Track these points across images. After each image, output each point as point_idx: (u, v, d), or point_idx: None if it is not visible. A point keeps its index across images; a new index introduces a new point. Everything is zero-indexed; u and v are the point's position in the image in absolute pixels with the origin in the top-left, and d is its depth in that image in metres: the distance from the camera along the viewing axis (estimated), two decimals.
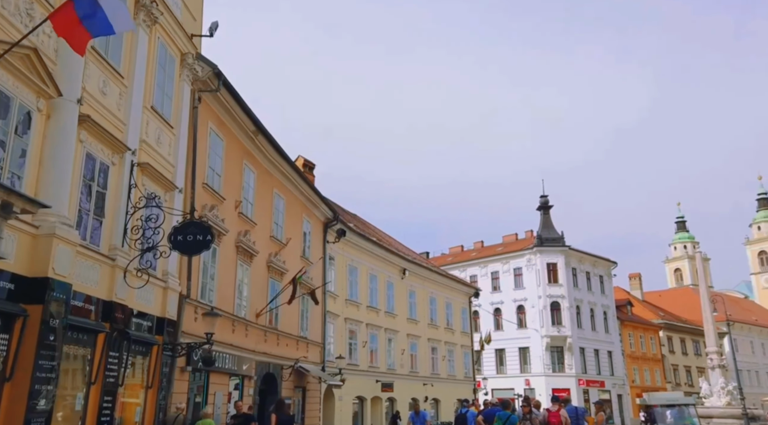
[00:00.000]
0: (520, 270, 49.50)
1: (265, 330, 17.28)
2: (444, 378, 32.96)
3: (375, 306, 27.63)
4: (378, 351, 27.35)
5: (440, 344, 33.46)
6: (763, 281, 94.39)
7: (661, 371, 56.29)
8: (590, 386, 45.15)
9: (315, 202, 22.27)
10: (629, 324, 53.90)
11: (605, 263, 52.39)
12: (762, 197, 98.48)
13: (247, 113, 15.92)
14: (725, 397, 38.58)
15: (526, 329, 47.66)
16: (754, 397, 54.95)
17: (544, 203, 50.90)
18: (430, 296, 33.56)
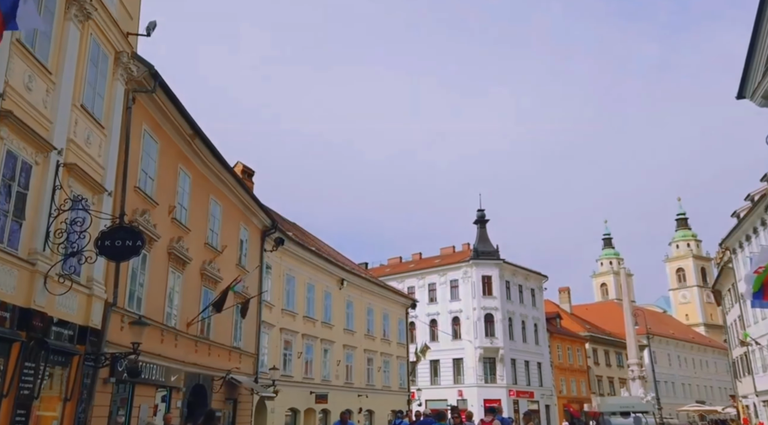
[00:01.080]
0: (456, 282, 50.39)
1: (197, 339, 16.76)
2: (379, 389, 32.96)
3: (312, 316, 27.36)
4: (313, 361, 27.06)
5: (376, 355, 33.48)
6: (680, 296, 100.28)
7: (586, 382, 58.51)
8: (520, 397, 46.34)
9: (253, 209, 21.89)
10: (558, 336, 55.80)
11: (537, 277, 54.12)
12: (680, 217, 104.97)
13: (184, 116, 15.50)
14: None
15: (460, 340, 48.46)
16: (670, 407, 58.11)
17: (481, 217, 52.14)
18: (367, 307, 33.58)
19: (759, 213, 33.41)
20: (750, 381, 41.75)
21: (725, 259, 44.71)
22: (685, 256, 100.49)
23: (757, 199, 34.53)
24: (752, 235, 35.67)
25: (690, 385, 73.20)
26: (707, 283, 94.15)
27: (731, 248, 41.20)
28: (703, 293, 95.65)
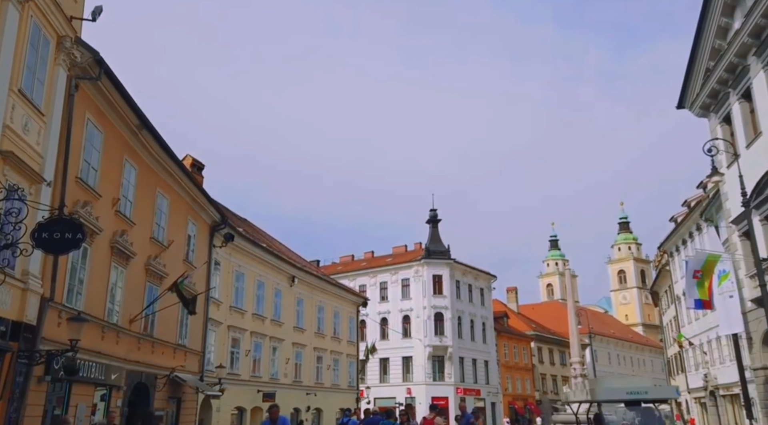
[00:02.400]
0: (407, 281, 50.75)
1: (139, 337, 16.26)
2: (328, 387, 32.83)
3: (261, 314, 26.98)
4: (261, 360, 26.70)
5: (326, 353, 33.34)
6: (620, 297, 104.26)
7: (531, 380, 60.05)
8: (467, 394, 47.10)
9: (202, 204, 21.39)
10: (505, 335, 57.03)
11: (486, 277, 55.13)
12: (622, 221, 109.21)
13: (130, 106, 14.98)
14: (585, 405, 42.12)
15: (410, 339, 48.84)
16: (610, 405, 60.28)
17: (433, 217, 52.68)
18: (318, 305, 33.38)
19: (694, 219, 35.06)
20: (683, 379, 43.82)
21: (663, 262, 46.78)
22: (626, 258, 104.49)
23: (693, 205, 36.24)
24: (688, 239, 37.41)
25: None
26: (646, 285, 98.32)
27: (669, 251, 43.11)
28: (641, 294, 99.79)
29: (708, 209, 31.44)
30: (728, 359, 32.25)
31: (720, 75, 21.45)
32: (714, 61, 21.77)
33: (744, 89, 20.30)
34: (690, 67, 23.40)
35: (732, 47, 20.19)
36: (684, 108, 24.70)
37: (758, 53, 18.91)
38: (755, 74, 19.36)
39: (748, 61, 19.71)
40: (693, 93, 23.84)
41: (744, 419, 29.54)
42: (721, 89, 21.90)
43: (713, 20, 21.25)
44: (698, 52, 22.63)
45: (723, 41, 21.12)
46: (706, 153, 14.08)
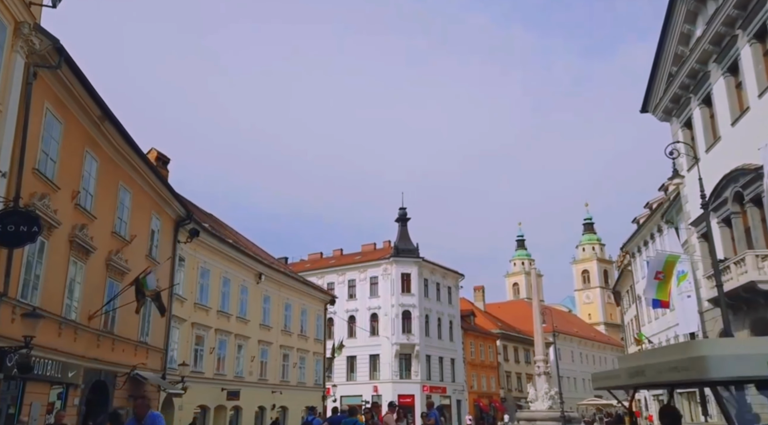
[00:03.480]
0: (376, 279, 50.78)
1: (99, 333, 15.83)
2: (294, 385, 32.60)
3: (226, 311, 26.61)
4: (226, 357, 26.33)
5: (292, 351, 33.08)
6: (584, 297, 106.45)
7: (496, 377, 60.80)
8: (433, 392, 47.40)
9: (167, 198, 20.95)
10: (471, 333, 57.59)
11: (454, 276, 55.56)
12: (587, 222, 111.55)
13: (92, 96, 14.54)
14: (548, 401, 42.71)
15: (377, 336, 48.90)
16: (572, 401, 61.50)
17: (402, 215, 52.83)
18: (285, 302, 33.10)
19: (656, 220, 35.99)
20: None
21: (625, 262, 47.90)
22: (590, 259, 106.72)
23: (655, 207, 37.20)
24: (649, 240, 38.39)
25: (589, 380, 77.82)
26: (608, 284, 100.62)
27: (631, 252, 44.16)
28: (604, 294, 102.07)
29: (668, 212, 32.32)
30: None
31: (682, 80, 22.07)
32: (677, 66, 22.39)
33: (705, 95, 20.93)
34: (654, 72, 24.02)
35: (694, 54, 20.80)
36: (648, 112, 25.34)
37: (718, 60, 19.51)
38: (715, 80, 19.97)
39: (708, 67, 20.33)
40: (656, 97, 24.48)
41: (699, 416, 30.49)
42: (682, 94, 22.54)
43: (676, 27, 21.85)
44: (662, 58, 23.25)
45: (685, 48, 21.73)
46: (667, 156, 14.45)
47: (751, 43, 17.41)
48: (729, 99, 19.01)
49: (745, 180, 17.75)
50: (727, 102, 19.14)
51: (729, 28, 18.36)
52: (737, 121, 18.55)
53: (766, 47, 16.90)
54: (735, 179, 18.33)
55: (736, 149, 18.23)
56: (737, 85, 18.71)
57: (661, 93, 23.90)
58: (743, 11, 17.48)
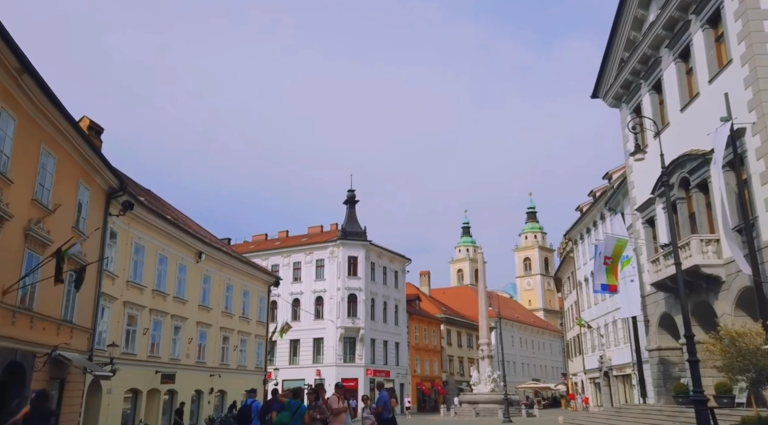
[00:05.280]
0: (322, 262, 49.97)
1: (15, 310, 14.37)
2: (234, 368, 31.50)
3: (162, 291, 25.20)
4: (161, 339, 24.97)
5: (233, 333, 31.92)
6: (525, 284, 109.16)
7: (439, 361, 61.38)
8: (377, 375, 47.25)
9: (98, 167, 19.35)
10: (416, 318, 57.77)
11: (401, 260, 55.39)
12: (530, 211, 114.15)
13: (9, 44, 12.97)
14: (490, 384, 43.56)
15: (322, 320, 48.21)
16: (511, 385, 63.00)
17: (351, 198, 52.06)
18: (226, 283, 31.83)
19: (599, 208, 36.75)
20: (580, 361, 46.30)
21: (568, 249, 48.98)
22: (531, 247, 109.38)
23: (598, 195, 37.98)
24: (592, 228, 39.22)
25: (528, 364, 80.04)
26: (549, 272, 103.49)
27: (573, 239, 45.10)
28: (544, 281, 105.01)
29: (612, 199, 32.95)
30: (622, 341, 34.20)
31: (634, 66, 22.19)
32: (629, 52, 22.48)
33: (655, 81, 21.09)
34: (606, 58, 24.11)
35: (646, 39, 20.89)
36: (598, 98, 25.49)
37: (670, 46, 19.62)
38: (666, 66, 20.11)
39: (660, 53, 20.45)
40: (607, 83, 24.62)
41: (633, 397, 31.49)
42: (633, 80, 22.69)
43: (630, 12, 21.89)
44: (614, 43, 23.32)
45: (638, 33, 21.81)
46: (630, 130, 14.32)
47: (704, 29, 17.54)
48: (679, 85, 19.19)
49: (692, 166, 17.98)
50: (677, 88, 19.32)
51: (682, 12, 18.45)
52: (686, 107, 18.75)
53: (718, 33, 17.05)
54: (682, 164, 18.55)
55: (684, 135, 18.43)
56: (688, 71, 18.89)
57: (612, 79, 24.04)
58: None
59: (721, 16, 16.49)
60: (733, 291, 16.04)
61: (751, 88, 14.96)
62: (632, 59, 22.10)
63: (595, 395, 42.03)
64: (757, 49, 14.80)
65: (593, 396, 42.74)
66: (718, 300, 16.75)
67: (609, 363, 36.81)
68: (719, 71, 16.70)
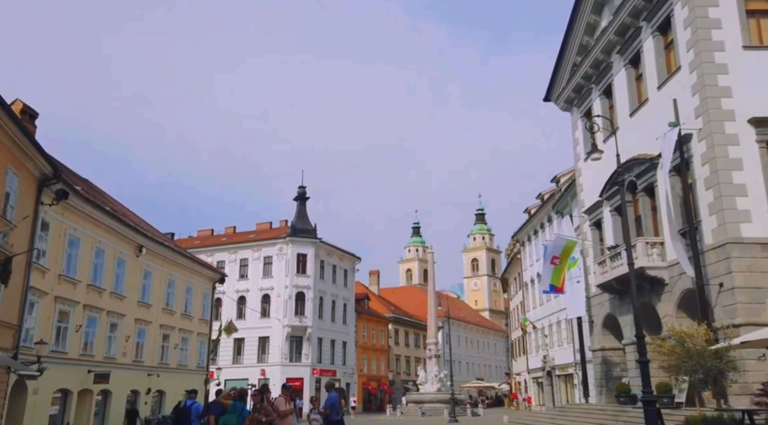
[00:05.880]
0: (270, 259, 48.93)
1: None
2: (173, 368, 30.24)
3: (98, 286, 23.84)
4: (96, 337, 23.61)
5: (174, 331, 30.65)
6: (472, 284, 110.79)
7: (386, 361, 61.28)
8: (323, 375, 46.64)
9: (30, 153, 18.03)
10: (365, 317, 57.47)
11: (351, 258, 54.91)
12: (479, 212, 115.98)
13: None
14: (437, 384, 43.72)
15: (268, 318, 47.21)
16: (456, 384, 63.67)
17: (302, 194, 51.20)
18: (168, 279, 30.52)
19: (547, 210, 37.45)
20: (524, 360, 47.13)
21: (515, 250, 49.80)
22: (479, 248, 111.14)
23: (546, 198, 38.71)
24: (539, 230, 39.93)
25: (473, 364, 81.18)
26: (495, 273, 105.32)
27: (521, 240, 45.86)
28: (491, 282, 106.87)
29: (559, 201, 33.59)
30: (566, 342, 34.94)
31: (585, 71, 22.56)
32: (581, 56, 22.84)
33: (606, 86, 21.49)
34: (559, 62, 24.45)
35: (598, 44, 21.25)
36: (550, 101, 25.85)
37: (621, 51, 20.01)
38: (617, 71, 20.51)
39: (612, 58, 20.83)
40: (559, 87, 24.97)
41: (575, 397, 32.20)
42: (585, 85, 23.08)
43: (583, 17, 22.23)
44: (567, 48, 23.66)
45: (591, 38, 22.18)
46: (587, 129, 14.43)
47: (654, 36, 17.94)
48: (629, 90, 19.59)
49: (640, 170, 18.36)
50: (627, 93, 19.72)
51: (634, 19, 18.83)
52: (635, 112, 19.16)
53: (668, 40, 17.46)
54: (630, 168, 18.92)
55: (632, 139, 18.80)
56: (638, 77, 19.30)
57: (564, 83, 24.40)
58: (649, 3, 17.95)
59: (671, 23, 16.89)
60: (675, 293, 16.44)
61: (698, 95, 15.36)
62: (584, 64, 22.47)
63: (538, 394, 42.84)
64: (705, 56, 15.19)
65: (536, 396, 43.55)
66: (661, 302, 17.15)
67: (552, 362, 37.54)
68: (668, 78, 17.10)
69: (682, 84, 16.16)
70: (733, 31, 15.38)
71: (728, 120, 14.76)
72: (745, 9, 15.64)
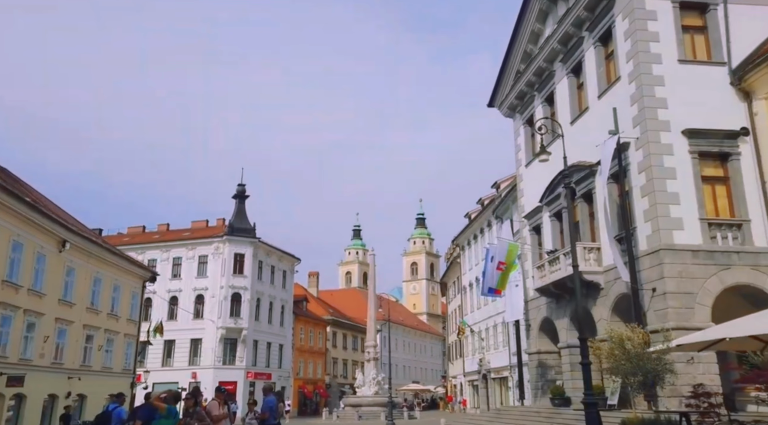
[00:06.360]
0: (205, 258, 47.29)
1: None
2: (97, 370, 28.54)
3: (15, 282, 22.15)
4: (10, 337, 21.91)
5: (99, 332, 28.96)
6: (411, 288, 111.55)
7: (323, 364, 60.52)
8: (258, 378, 45.45)
9: None
10: (303, 319, 56.54)
11: (290, 259, 53.90)
12: (419, 217, 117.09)
13: None
14: (374, 387, 43.42)
15: (202, 319, 45.57)
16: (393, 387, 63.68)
17: (241, 192, 49.81)
18: (94, 277, 28.81)
19: (487, 215, 38.01)
20: (461, 364, 47.65)
21: (455, 255, 50.33)
22: (419, 252, 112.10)
23: (486, 203, 39.30)
24: (479, 234, 40.48)
25: (409, 367, 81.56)
26: (434, 277, 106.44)
27: (461, 245, 46.38)
28: (429, 285, 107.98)
29: (499, 207, 34.14)
30: (502, 345, 35.50)
31: (529, 78, 22.95)
32: (525, 64, 23.22)
33: (548, 93, 21.91)
34: (503, 69, 24.79)
35: (542, 52, 21.65)
36: (494, 107, 26.17)
37: (564, 60, 20.44)
38: (559, 80, 20.94)
39: (554, 67, 21.26)
40: (503, 93, 25.31)
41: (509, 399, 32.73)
42: (528, 92, 23.47)
43: (528, 25, 22.62)
44: (512, 55, 24.01)
45: (535, 46, 22.59)
46: (536, 132, 14.53)
47: (596, 46, 18.40)
48: (570, 98, 20.03)
49: (579, 177, 18.77)
50: (568, 101, 20.15)
51: (577, 29, 19.27)
52: (576, 120, 19.59)
53: (608, 51, 17.94)
54: (569, 175, 19.30)
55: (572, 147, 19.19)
56: (579, 86, 19.76)
57: (508, 89, 24.76)
58: (591, 14, 18.41)
59: (613, 35, 17.37)
60: (610, 297, 16.86)
61: (636, 105, 15.82)
62: (528, 71, 22.85)
63: (473, 397, 43.36)
64: (643, 68, 15.67)
65: (471, 398, 44.06)
66: (596, 306, 17.55)
67: (488, 365, 38.06)
68: (608, 87, 17.57)
69: (621, 94, 16.62)
70: (670, 45, 15.96)
71: (664, 130, 15.27)
72: (681, 24, 16.27)
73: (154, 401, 10.96)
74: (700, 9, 16.56)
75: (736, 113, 15.56)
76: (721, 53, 16.02)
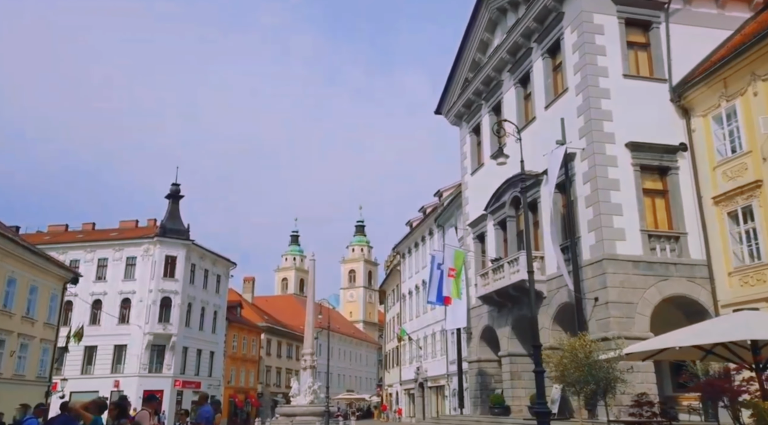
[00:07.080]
0: (134, 260, 44.80)
1: None
2: (8, 378, 26.28)
3: None
4: None
5: (12, 336, 26.72)
6: (348, 295, 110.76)
7: (255, 372, 58.72)
8: (186, 387, 43.40)
9: None
10: (236, 326, 54.68)
11: (225, 263, 52.06)
12: (359, 224, 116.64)
13: None
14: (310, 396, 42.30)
15: (128, 325, 43.06)
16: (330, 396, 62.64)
17: (175, 192, 47.60)
18: (8, 276, 26.60)
19: (429, 224, 38.04)
20: (397, 372, 47.36)
21: (395, 262, 50.16)
22: (358, 259, 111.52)
23: (428, 211, 39.37)
24: (420, 242, 40.46)
25: (344, 375, 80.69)
26: (371, 285, 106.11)
27: (401, 252, 46.25)
28: (367, 293, 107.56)
29: (441, 215, 34.20)
30: (440, 353, 35.47)
31: (477, 87, 23.03)
32: (473, 73, 23.31)
33: (495, 103, 22.03)
34: (451, 76, 24.80)
35: (490, 62, 21.77)
36: (441, 114, 26.16)
37: (512, 70, 20.60)
38: (507, 90, 21.09)
39: (502, 76, 21.41)
40: (450, 101, 25.33)
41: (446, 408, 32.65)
42: (475, 100, 23.56)
43: (477, 34, 22.73)
44: (460, 63, 24.07)
45: (483, 55, 22.70)
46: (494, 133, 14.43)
47: (544, 57, 18.63)
48: (517, 108, 20.18)
49: (524, 186, 18.86)
50: (515, 111, 20.29)
51: (526, 40, 19.47)
52: (522, 130, 19.65)
53: (556, 62, 18.19)
54: (514, 184, 19.40)
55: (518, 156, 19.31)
56: (526, 96, 19.96)
57: (455, 97, 24.80)
58: (540, 25, 18.63)
59: (561, 46, 17.62)
60: (553, 306, 16.95)
61: (583, 117, 16.05)
62: (476, 80, 22.95)
63: (409, 406, 43.11)
64: (591, 80, 15.93)
65: (407, 407, 43.80)
66: (539, 314, 17.59)
67: (425, 374, 37.93)
68: (555, 98, 17.79)
69: (568, 105, 16.84)
70: (616, 59, 16.33)
71: (609, 142, 15.55)
72: (626, 40, 16.69)
73: (79, 409, 9.67)
74: (644, 26, 17.07)
75: (676, 129, 16.07)
76: (663, 70, 16.53)
